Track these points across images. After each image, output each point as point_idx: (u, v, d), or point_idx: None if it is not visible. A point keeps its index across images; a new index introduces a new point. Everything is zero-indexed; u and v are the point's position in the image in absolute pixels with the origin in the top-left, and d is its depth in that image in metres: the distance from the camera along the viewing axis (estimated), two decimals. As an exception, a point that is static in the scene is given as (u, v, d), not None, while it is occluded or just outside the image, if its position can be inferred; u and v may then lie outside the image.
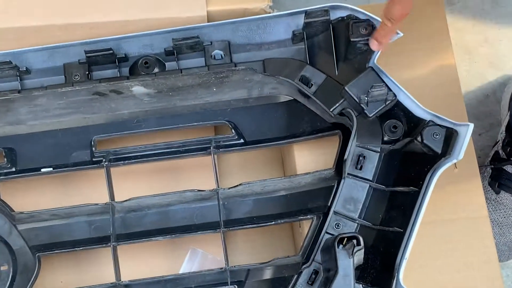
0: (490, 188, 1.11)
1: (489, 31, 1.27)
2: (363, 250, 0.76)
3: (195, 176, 0.97)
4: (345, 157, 0.80)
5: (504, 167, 1.09)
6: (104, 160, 0.87)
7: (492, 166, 1.11)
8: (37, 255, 0.87)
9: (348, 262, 0.74)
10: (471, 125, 0.78)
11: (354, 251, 0.74)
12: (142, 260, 0.94)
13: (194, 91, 0.86)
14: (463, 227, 0.90)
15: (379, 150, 0.85)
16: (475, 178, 0.92)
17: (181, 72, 0.84)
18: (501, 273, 0.90)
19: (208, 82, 0.83)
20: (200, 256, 0.95)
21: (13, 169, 0.90)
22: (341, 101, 0.86)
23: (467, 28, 1.27)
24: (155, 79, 0.80)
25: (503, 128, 1.14)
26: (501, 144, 1.12)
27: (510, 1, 1.27)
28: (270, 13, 0.95)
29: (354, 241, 0.74)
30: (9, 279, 0.87)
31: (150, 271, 0.90)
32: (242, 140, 0.91)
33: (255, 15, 0.92)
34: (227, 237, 0.91)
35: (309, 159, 0.91)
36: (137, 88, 0.81)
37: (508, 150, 1.10)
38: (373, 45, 0.84)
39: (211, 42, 0.91)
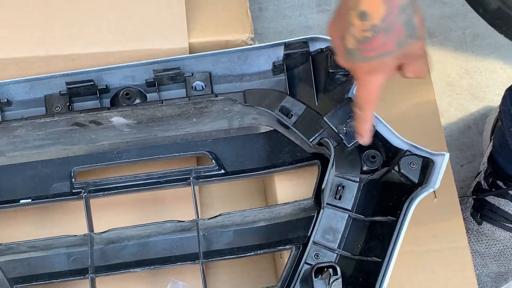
0: (472, 219, 1.11)
1: (470, 63, 1.29)
2: (340, 280, 0.75)
3: (176, 207, 0.96)
4: (323, 186, 0.80)
5: (486, 198, 1.10)
6: (83, 191, 0.87)
7: (474, 197, 1.12)
8: (14, 287, 0.87)
9: (325, 293, 0.74)
10: (447, 155, 0.79)
11: (331, 280, 0.74)
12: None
13: (174, 121, 0.87)
14: (443, 257, 0.90)
15: (358, 180, 0.85)
16: (455, 208, 0.92)
17: (161, 103, 0.84)
18: None
19: (187, 112, 0.84)
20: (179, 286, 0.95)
21: (-8, 201, 0.90)
22: (321, 131, 0.86)
23: (448, 60, 1.29)
24: (135, 109, 0.81)
25: (485, 158, 1.15)
26: (483, 175, 1.13)
27: (490, 33, 1.29)
28: (251, 45, 0.96)
29: (331, 270, 0.74)
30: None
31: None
32: (222, 171, 0.92)
33: (237, 47, 0.94)
34: (208, 268, 0.91)
35: (290, 189, 0.92)
36: (117, 119, 0.81)
37: (490, 180, 1.11)
38: (359, 138, 0.81)
39: (192, 73, 0.92)
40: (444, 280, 0.90)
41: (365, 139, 0.79)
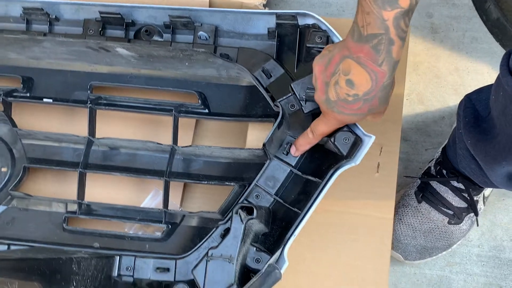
0: (414, 197, 1.21)
1: (461, 62, 1.36)
2: (255, 221, 0.90)
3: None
4: (265, 141, 0.94)
5: (430, 182, 1.19)
6: (89, 102, 1.06)
7: (419, 179, 1.22)
8: (28, 166, 1.09)
9: (239, 226, 0.90)
10: (373, 137, 0.91)
11: (246, 219, 0.89)
12: (112, 189, 1.13)
13: (171, 61, 1.03)
14: (369, 223, 1.04)
15: (305, 143, 0.98)
16: (391, 185, 1.04)
17: (150, 43, 1.01)
18: (389, 269, 1.03)
19: (178, 56, 1.00)
20: (160, 197, 1.13)
21: (28, 94, 1.12)
22: (289, 95, 1.00)
23: (442, 56, 1.37)
24: (133, 45, 0.98)
25: (440, 148, 1.23)
26: (434, 162, 1.22)
27: (487, 39, 1.36)
28: (261, 9, 1.10)
29: (245, 211, 0.90)
30: (5, 179, 1.10)
31: (112, 199, 1.09)
32: (207, 110, 1.08)
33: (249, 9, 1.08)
34: (189, 186, 1.09)
35: (258, 137, 1.07)
36: (121, 50, 0.99)
37: (437, 168, 1.20)
38: (292, 149, 0.98)
39: (201, 24, 1.07)
40: (363, 242, 1.03)
41: (296, 153, 0.97)
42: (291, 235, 0.92)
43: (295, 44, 1.03)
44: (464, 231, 1.22)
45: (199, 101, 1.06)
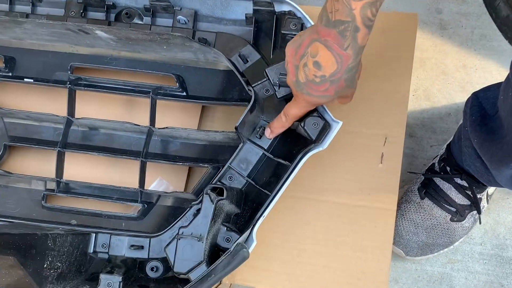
0: (418, 193, 1.21)
1: (469, 59, 1.36)
2: (225, 202, 0.93)
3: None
4: (236, 125, 0.97)
5: (434, 179, 1.20)
6: (68, 83, 1.08)
7: (422, 176, 1.22)
8: (8, 144, 1.11)
9: (210, 206, 0.92)
10: (340, 123, 0.93)
11: (216, 199, 0.92)
12: (91, 169, 1.15)
13: (149, 45, 1.05)
14: (370, 214, 1.05)
15: (278, 127, 1.01)
16: (395, 176, 1.05)
17: (130, 26, 1.03)
18: (390, 261, 1.04)
19: (155, 40, 1.02)
20: (164, 185, 1.12)
21: (10, 74, 1.14)
22: (263, 80, 1.02)
23: (451, 53, 1.37)
24: (110, 28, 1.00)
25: (445, 145, 1.23)
26: (438, 158, 1.22)
27: (496, 37, 1.36)
28: None
29: (216, 192, 0.92)
30: (-13, 157, 1.12)
31: (90, 178, 1.11)
32: (184, 93, 1.10)
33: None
34: (193, 171, 1.12)
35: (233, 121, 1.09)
36: (100, 32, 1.01)
37: (442, 165, 1.20)
38: (267, 132, 1.00)
39: (181, 8, 1.10)
40: (364, 233, 1.04)
41: (270, 136, 0.99)
42: (260, 216, 0.94)
43: (272, 30, 1.05)
44: (467, 229, 1.22)
45: (177, 84, 1.09)
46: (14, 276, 0.90)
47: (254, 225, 0.94)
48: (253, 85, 1.02)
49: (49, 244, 0.98)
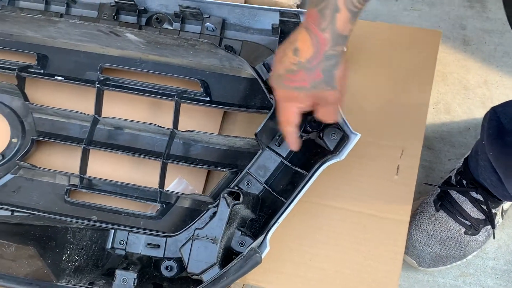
0: (433, 205, 1.22)
1: (491, 75, 1.37)
2: (241, 206, 0.95)
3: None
4: (256, 131, 0.99)
5: (449, 191, 1.21)
6: (97, 83, 1.12)
7: (439, 188, 1.23)
8: (36, 139, 1.15)
9: (225, 210, 0.94)
10: (359, 135, 0.95)
11: (232, 203, 0.94)
12: (113, 167, 1.18)
13: (177, 49, 1.08)
14: (384, 225, 1.06)
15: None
16: (410, 188, 1.06)
17: (159, 31, 1.06)
18: (400, 272, 1.05)
19: (183, 45, 1.04)
20: (183, 184, 1.15)
21: (41, 71, 1.18)
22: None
23: (473, 68, 1.38)
24: (140, 31, 1.03)
25: (463, 159, 1.25)
26: (455, 172, 1.23)
27: None
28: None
29: (232, 196, 0.94)
30: (15, 150, 1.16)
31: (112, 176, 1.14)
32: (208, 98, 1.12)
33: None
34: (211, 174, 1.14)
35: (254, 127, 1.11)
36: (130, 35, 1.04)
37: (458, 178, 1.21)
38: (290, 147, 0.97)
39: (209, 16, 1.12)
40: (377, 242, 1.05)
41: (293, 147, 0.96)
42: (274, 222, 0.96)
43: (297, 41, 1.07)
44: (480, 243, 1.23)
45: (202, 89, 1.11)
46: (33, 266, 0.93)
47: (268, 231, 0.95)
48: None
49: (69, 237, 1.01)
